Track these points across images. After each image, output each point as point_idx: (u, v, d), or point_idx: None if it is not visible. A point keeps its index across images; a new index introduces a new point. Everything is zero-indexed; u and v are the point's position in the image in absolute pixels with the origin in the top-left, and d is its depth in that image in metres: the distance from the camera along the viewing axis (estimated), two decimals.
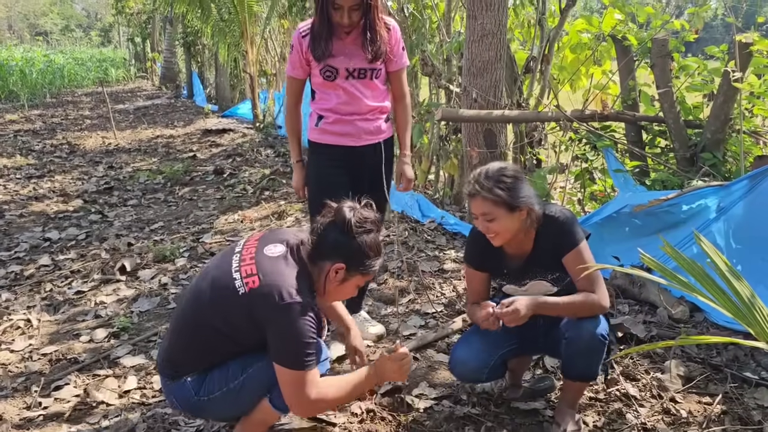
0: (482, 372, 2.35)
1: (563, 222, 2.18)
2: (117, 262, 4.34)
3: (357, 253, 2.02)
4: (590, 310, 2.18)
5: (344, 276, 2.05)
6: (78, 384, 2.90)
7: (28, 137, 10.59)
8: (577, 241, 2.17)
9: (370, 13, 2.64)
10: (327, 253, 2.02)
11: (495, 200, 2.09)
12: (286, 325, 1.91)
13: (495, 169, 2.13)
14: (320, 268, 2.05)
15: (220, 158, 8.20)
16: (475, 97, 4.22)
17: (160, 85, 20.82)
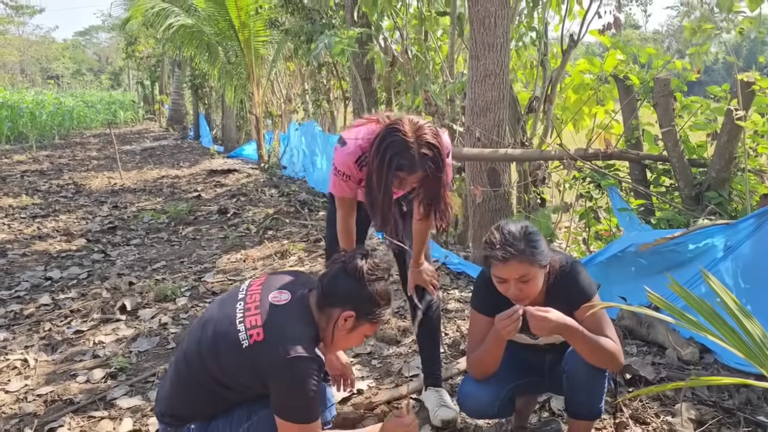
0: (493, 405, 2.28)
1: (575, 274, 2.13)
2: (117, 302, 4.30)
3: (367, 301, 1.98)
4: (608, 354, 2.08)
5: (353, 324, 2.00)
6: (72, 426, 2.83)
7: (34, 177, 10.67)
8: (591, 294, 2.12)
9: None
10: (337, 300, 1.97)
11: (531, 261, 2.03)
12: (290, 380, 1.85)
13: (518, 229, 2.05)
14: (328, 315, 1.99)
15: (224, 198, 8.22)
16: (478, 136, 4.23)
17: (168, 126, 21.10)
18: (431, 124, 2.18)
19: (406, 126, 2.12)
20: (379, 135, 2.17)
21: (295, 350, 1.85)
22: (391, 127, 2.14)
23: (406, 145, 2.09)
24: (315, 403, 1.89)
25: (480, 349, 2.24)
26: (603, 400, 2.18)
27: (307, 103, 10.97)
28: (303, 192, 8.08)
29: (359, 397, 2.92)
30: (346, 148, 2.31)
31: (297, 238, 5.79)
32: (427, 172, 2.15)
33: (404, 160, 2.11)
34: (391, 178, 2.15)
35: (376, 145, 2.16)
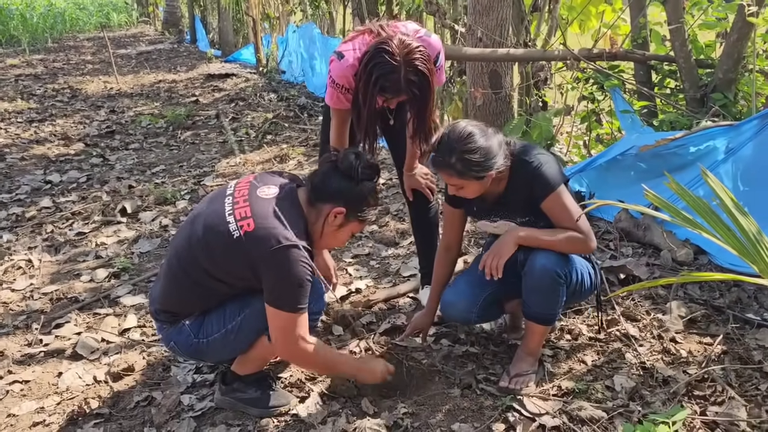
0: (471, 312, 2.34)
1: (536, 167, 2.10)
2: (118, 204, 4.32)
3: (358, 198, 2.01)
4: (575, 246, 2.12)
5: (342, 221, 2.03)
6: (78, 322, 2.92)
7: (29, 81, 10.46)
8: (553, 187, 2.10)
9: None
10: (328, 196, 1.99)
11: (459, 174, 2.04)
12: (280, 268, 1.88)
13: (457, 138, 2.03)
14: (318, 210, 2.01)
15: (222, 102, 8.09)
16: (480, 36, 4.09)
17: (163, 30, 20.42)
18: (422, 47, 2.11)
19: (395, 45, 2.07)
20: (368, 52, 2.12)
21: (286, 239, 1.88)
22: (380, 46, 2.09)
23: (392, 67, 2.07)
24: (303, 290, 1.92)
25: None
26: (558, 310, 2.20)
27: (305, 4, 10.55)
28: (302, 96, 7.93)
29: (357, 295, 2.98)
30: (344, 61, 2.25)
31: (296, 143, 5.75)
32: (413, 98, 2.14)
33: (388, 83, 2.10)
34: (375, 96, 2.15)
35: (364, 62, 2.13)
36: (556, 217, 2.12)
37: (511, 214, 2.23)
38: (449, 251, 2.47)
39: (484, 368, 2.39)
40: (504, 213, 2.24)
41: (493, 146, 2.06)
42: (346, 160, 2.01)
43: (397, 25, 2.33)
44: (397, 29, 2.27)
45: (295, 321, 1.94)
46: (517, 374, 2.26)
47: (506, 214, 2.24)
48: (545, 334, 2.35)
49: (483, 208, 2.28)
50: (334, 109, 2.44)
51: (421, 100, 2.17)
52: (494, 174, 2.08)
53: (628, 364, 2.35)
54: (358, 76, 2.17)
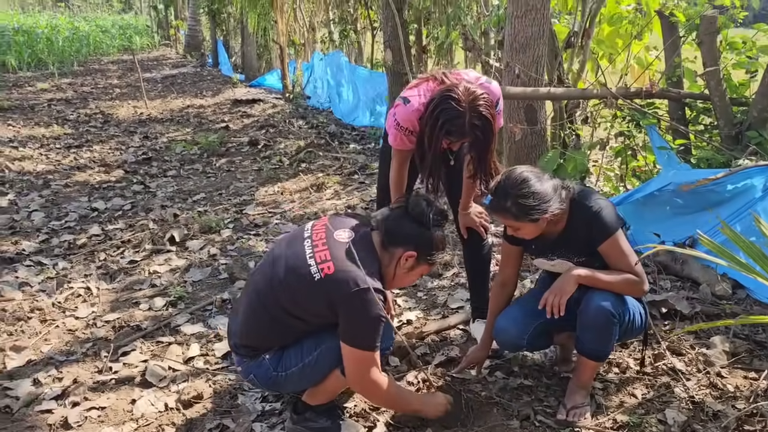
0: (522, 339, 2.46)
1: (596, 213, 2.25)
2: (166, 233, 4.48)
3: (429, 243, 2.16)
4: (631, 288, 2.27)
5: (413, 264, 2.17)
6: (143, 350, 3.05)
7: (61, 106, 10.74)
8: (611, 231, 2.24)
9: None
10: (400, 241, 2.14)
11: (515, 218, 2.20)
12: (358, 309, 2.03)
13: (512, 184, 2.19)
14: (391, 254, 2.16)
15: (253, 129, 8.29)
16: (518, 73, 4.25)
17: (185, 53, 20.83)
18: (486, 94, 2.27)
19: (460, 92, 2.23)
20: (435, 98, 2.29)
21: (364, 282, 2.01)
22: (446, 93, 2.25)
23: (458, 113, 2.22)
24: (378, 331, 2.06)
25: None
26: (610, 347, 2.33)
27: (332, 32, 10.80)
28: (331, 124, 8.12)
29: (409, 326, 3.11)
30: (410, 106, 2.42)
31: (331, 171, 5.91)
32: (475, 140, 2.29)
33: (454, 128, 2.25)
34: (440, 140, 2.31)
35: (430, 109, 2.28)
36: (613, 260, 2.25)
37: (569, 253, 2.36)
38: (505, 287, 2.59)
39: (539, 400, 2.50)
40: (561, 252, 2.37)
41: (547, 191, 2.20)
42: (418, 206, 2.16)
43: (459, 72, 2.49)
44: (459, 77, 2.43)
45: (369, 358, 2.08)
46: (573, 407, 2.37)
47: (564, 253, 2.37)
48: (597, 368, 2.47)
49: (541, 246, 2.41)
50: (396, 150, 2.59)
51: (483, 143, 2.31)
52: (549, 217, 2.22)
53: (677, 398, 2.46)
54: (425, 120, 2.32)
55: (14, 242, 4.49)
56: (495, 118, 2.30)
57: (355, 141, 7.18)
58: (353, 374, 2.11)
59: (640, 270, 2.26)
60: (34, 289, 3.77)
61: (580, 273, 2.25)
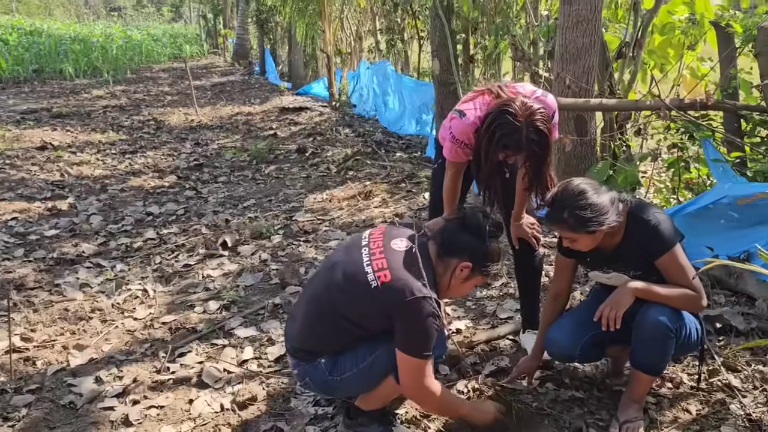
0: (574, 351, 2.46)
1: (654, 226, 2.24)
2: (218, 238, 4.61)
3: (484, 255, 2.19)
4: (688, 303, 2.25)
5: (467, 275, 2.20)
6: (199, 352, 3.15)
7: (116, 113, 11.12)
8: (669, 246, 2.23)
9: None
10: (456, 252, 2.18)
11: (571, 229, 2.21)
12: (413, 317, 2.07)
13: (570, 195, 2.20)
14: (446, 264, 2.19)
15: (300, 137, 8.43)
16: (568, 84, 4.23)
17: (233, 61, 21.30)
18: (543, 109, 2.28)
19: (517, 107, 2.24)
20: (491, 112, 2.31)
21: (420, 291, 2.06)
22: (503, 108, 2.27)
23: (515, 127, 2.23)
24: (432, 339, 2.10)
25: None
26: (666, 362, 2.31)
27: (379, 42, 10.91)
28: (377, 132, 8.21)
29: (458, 335, 3.13)
30: (465, 119, 2.46)
31: (378, 179, 5.97)
32: (532, 154, 2.31)
33: (511, 142, 2.27)
34: (497, 154, 2.32)
35: (487, 122, 2.31)
36: (671, 275, 2.24)
37: (625, 266, 2.35)
38: (558, 299, 2.60)
39: (590, 413, 2.49)
40: (617, 265, 2.37)
41: (604, 203, 2.20)
42: (475, 218, 2.19)
43: (515, 86, 2.52)
44: (515, 90, 2.46)
45: (423, 366, 2.12)
46: (626, 421, 2.36)
47: (619, 266, 2.36)
48: (651, 383, 2.45)
49: (596, 259, 2.41)
50: (450, 161, 2.63)
51: (540, 156, 2.33)
52: (606, 229, 2.22)
53: (733, 415, 2.42)
54: (481, 134, 2.35)
55: (74, 244, 4.68)
56: (551, 132, 2.32)
57: (402, 149, 7.24)
58: (407, 381, 2.15)
59: (699, 285, 2.24)
60: (94, 290, 3.93)
61: (637, 286, 2.24)
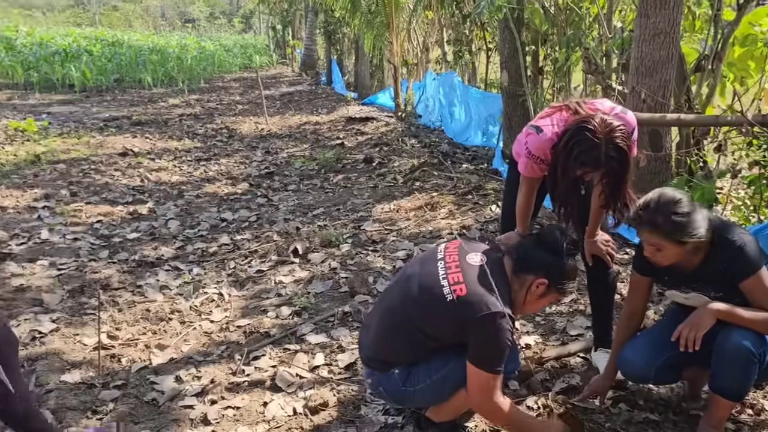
0: (649, 372, 2.42)
1: (739, 247, 2.18)
2: (290, 245, 4.74)
3: (561, 272, 2.19)
4: None
5: (543, 291, 2.21)
6: (272, 356, 3.26)
7: (191, 121, 11.56)
8: (755, 268, 2.17)
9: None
10: (532, 268, 2.19)
11: (663, 235, 2.16)
12: (487, 332, 2.09)
13: (667, 200, 2.16)
14: (522, 280, 2.21)
15: (367, 146, 8.55)
16: (644, 98, 4.15)
17: (300, 71, 21.78)
18: (623, 125, 2.25)
19: (596, 123, 2.22)
20: (570, 129, 2.30)
21: (495, 306, 2.08)
22: (582, 124, 2.26)
23: (593, 144, 2.21)
24: (504, 354, 2.12)
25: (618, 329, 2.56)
26: (748, 387, 2.24)
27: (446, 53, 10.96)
28: (443, 143, 8.24)
29: (528, 351, 3.12)
30: (542, 135, 2.45)
31: (445, 191, 6.00)
32: (610, 171, 2.27)
33: (589, 159, 2.24)
34: (574, 171, 2.30)
35: (565, 139, 2.29)
36: (756, 298, 2.18)
37: (705, 287, 2.30)
38: (632, 319, 2.56)
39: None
40: (696, 285, 2.31)
41: (698, 215, 2.17)
42: (551, 235, 2.20)
43: (593, 102, 2.50)
44: (594, 107, 2.44)
45: (493, 381, 2.13)
46: None
47: (699, 286, 2.31)
48: (731, 409, 2.38)
49: (675, 278, 2.36)
50: (525, 177, 2.64)
51: (619, 174, 2.30)
52: (695, 242, 2.17)
53: None
54: (558, 150, 2.34)
55: (154, 248, 4.90)
56: (631, 149, 2.29)
57: (468, 161, 7.24)
58: (476, 395, 2.17)
59: None
60: (173, 292, 4.11)
61: (720, 308, 2.19)
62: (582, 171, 2.32)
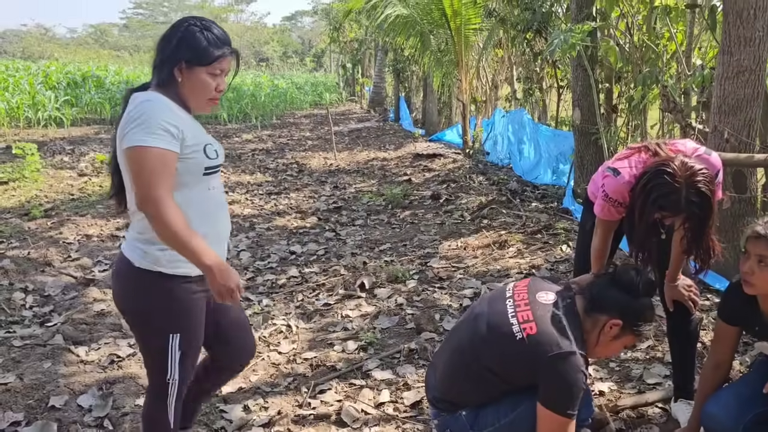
0: (737, 429, 2.26)
1: None
2: (356, 279, 4.76)
3: (636, 313, 2.12)
4: None
5: (617, 333, 2.12)
6: (338, 390, 3.25)
7: (263, 156, 11.92)
8: None
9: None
10: (606, 308, 2.11)
11: None
12: (558, 373, 2.02)
13: None
14: (595, 320, 2.13)
15: (434, 183, 8.57)
16: (727, 138, 4.01)
17: (369, 108, 22.21)
18: (705, 169, 2.16)
19: (676, 166, 2.14)
20: (648, 172, 2.22)
21: (568, 346, 2.01)
22: (661, 167, 2.18)
23: (673, 188, 2.13)
24: (577, 396, 2.03)
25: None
26: None
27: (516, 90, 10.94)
28: (512, 180, 8.16)
29: (602, 398, 2.99)
30: (620, 178, 2.37)
31: (513, 229, 5.91)
32: (692, 216, 2.18)
33: (668, 203, 2.16)
34: (652, 215, 2.21)
35: (643, 182, 2.21)
36: None
37: None
38: (718, 369, 2.42)
39: None
40: None
41: None
42: (626, 275, 2.12)
43: (675, 143, 2.43)
44: (675, 148, 2.37)
45: (566, 425, 2.05)
46: None
47: None
48: None
49: (766, 328, 2.23)
50: (601, 219, 2.57)
51: (701, 219, 2.21)
52: None
53: None
54: (636, 194, 2.26)
55: None
56: (714, 193, 2.19)
57: (537, 199, 7.13)
58: None
59: None
60: None
61: None
62: (661, 215, 2.24)
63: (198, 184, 2.07)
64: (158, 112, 1.94)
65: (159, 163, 1.91)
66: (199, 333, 2.17)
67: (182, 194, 2.02)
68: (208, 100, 2.11)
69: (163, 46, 2.04)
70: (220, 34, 2.06)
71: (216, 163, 2.11)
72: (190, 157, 2.02)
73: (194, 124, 2.10)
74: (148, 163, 1.90)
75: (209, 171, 2.09)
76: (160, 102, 1.99)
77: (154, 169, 1.90)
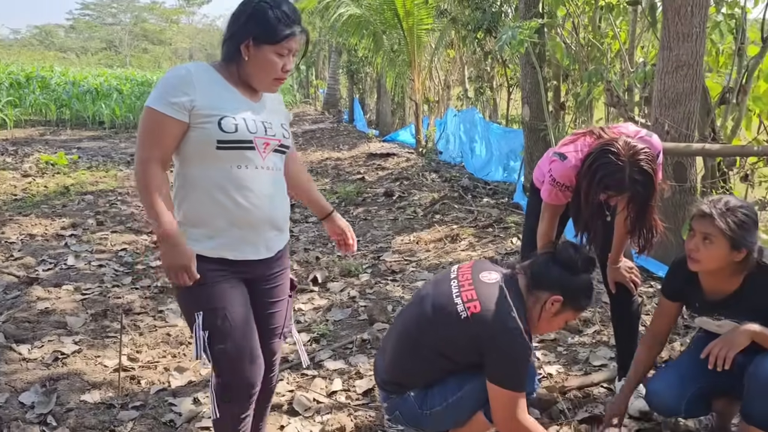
0: (679, 405, 2.34)
1: None
2: (309, 274, 4.74)
3: (576, 289, 2.15)
4: None
5: (558, 309, 2.16)
6: (290, 381, 3.23)
7: None
8: None
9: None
10: (547, 285, 2.15)
11: (723, 230, 2.09)
12: (504, 348, 2.05)
13: (738, 203, 2.12)
14: (537, 297, 2.17)
15: (387, 181, 8.60)
16: (667, 130, 4.15)
17: (323, 110, 22.15)
18: (647, 148, 2.23)
19: (620, 146, 2.20)
20: (593, 152, 2.27)
21: (511, 321, 2.04)
22: (605, 147, 2.23)
23: (617, 167, 2.19)
24: (525, 371, 2.07)
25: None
26: None
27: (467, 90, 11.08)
28: (464, 178, 8.26)
29: (550, 380, 3.05)
30: (567, 162, 2.44)
31: (465, 223, 5.98)
32: (635, 195, 2.25)
33: (613, 182, 2.22)
34: (597, 195, 2.27)
35: (588, 163, 2.27)
36: None
37: (737, 315, 2.23)
38: (655, 342, 2.50)
39: None
40: (729, 313, 2.25)
41: (757, 230, 2.13)
42: (566, 252, 2.17)
43: (618, 126, 2.50)
44: (618, 131, 2.43)
45: (517, 399, 2.08)
46: None
47: (731, 314, 2.24)
48: None
49: (707, 304, 2.30)
50: (547, 204, 2.62)
51: (644, 197, 2.27)
52: (741, 257, 2.11)
53: None
54: (582, 175, 2.31)
55: None
56: (656, 172, 2.26)
57: (489, 195, 7.24)
58: (500, 415, 2.11)
59: None
60: None
61: (755, 329, 2.12)
62: (606, 195, 2.29)
63: (217, 160, 1.96)
64: (177, 78, 1.93)
65: (156, 125, 1.90)
66: (225, 315, 2.03)
67: (197, 168, 1.97)
68: (274, 80, 2.03)
69: (231, 21, 2.00)
70: (291, 12, 1.99)
71: (234, 138, 1.96)
72: (200, 127, 1.94)
73: (227, 95, 2.00)
74: (145, 123, 1.92)
75: (224, 145, 1.95)
76: (187, 70, 1.96)
77: (148, 129, 1.91)
